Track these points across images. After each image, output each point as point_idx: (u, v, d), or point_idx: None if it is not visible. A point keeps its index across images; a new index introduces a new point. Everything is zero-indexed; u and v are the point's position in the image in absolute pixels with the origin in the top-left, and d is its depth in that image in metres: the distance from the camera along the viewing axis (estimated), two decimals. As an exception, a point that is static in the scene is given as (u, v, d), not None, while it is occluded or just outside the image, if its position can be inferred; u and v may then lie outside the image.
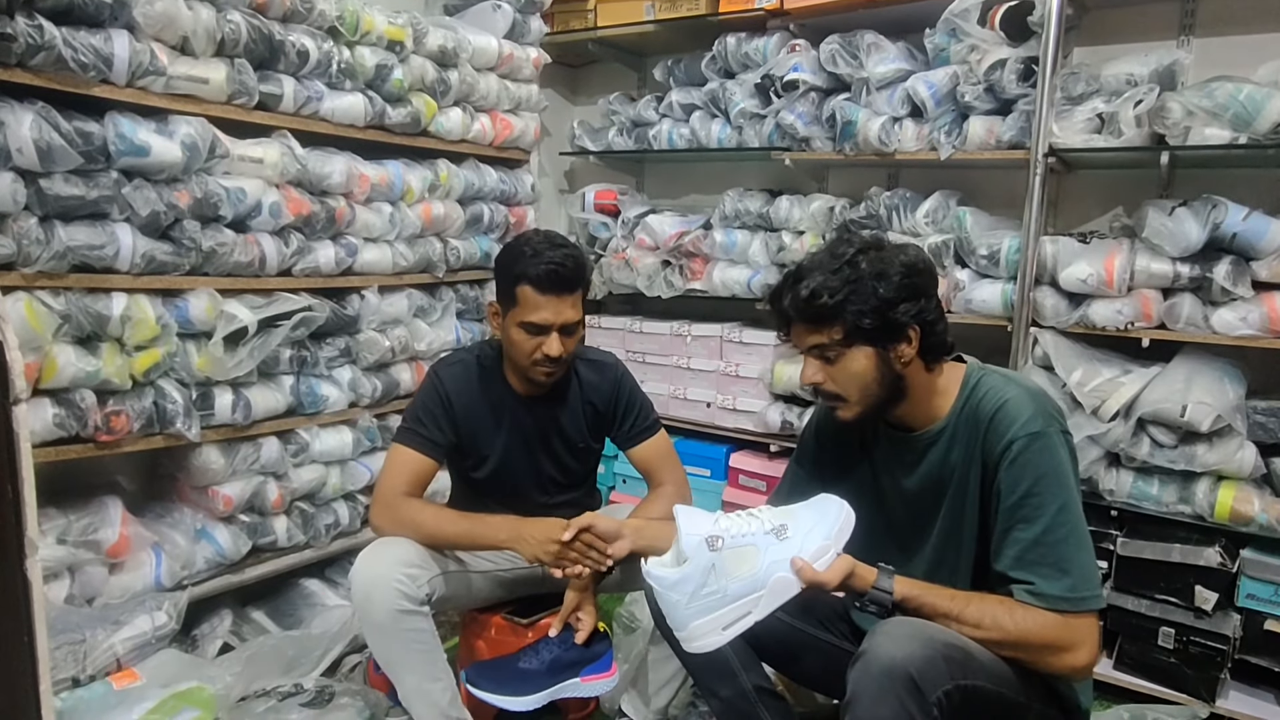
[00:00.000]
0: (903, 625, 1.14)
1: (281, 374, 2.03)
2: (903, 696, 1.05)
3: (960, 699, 1.09)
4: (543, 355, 1.60)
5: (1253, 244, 1.83)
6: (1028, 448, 1.18)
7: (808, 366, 1.29)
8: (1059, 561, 1.16)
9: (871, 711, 1.07)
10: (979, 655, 1.14)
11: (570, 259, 1.60)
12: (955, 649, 1.12)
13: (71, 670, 1.58)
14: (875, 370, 1.25)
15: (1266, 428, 1.86)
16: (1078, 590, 1.15)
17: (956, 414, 1.29)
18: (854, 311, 1.22)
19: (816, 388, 1.30)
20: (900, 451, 1.36)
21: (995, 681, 1.14)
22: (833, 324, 1.24)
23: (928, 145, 2.21)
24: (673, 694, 1.66)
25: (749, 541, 1.16)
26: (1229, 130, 1.81)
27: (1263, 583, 1.84)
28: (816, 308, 1.23)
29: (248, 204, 1.87)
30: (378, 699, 1.72)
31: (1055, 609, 1.14)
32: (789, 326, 1.30)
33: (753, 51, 2.48)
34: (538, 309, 1.59)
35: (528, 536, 1.55)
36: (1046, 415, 1.21)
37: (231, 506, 1.94)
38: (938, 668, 1.07)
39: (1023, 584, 1.17)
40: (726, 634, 1.16)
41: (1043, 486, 1.17)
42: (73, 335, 1.64)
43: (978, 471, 1.25)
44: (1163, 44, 2.10)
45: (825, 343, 1.25)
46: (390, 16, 2.16)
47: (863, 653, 1.11)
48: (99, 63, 1.59)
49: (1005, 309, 2.13)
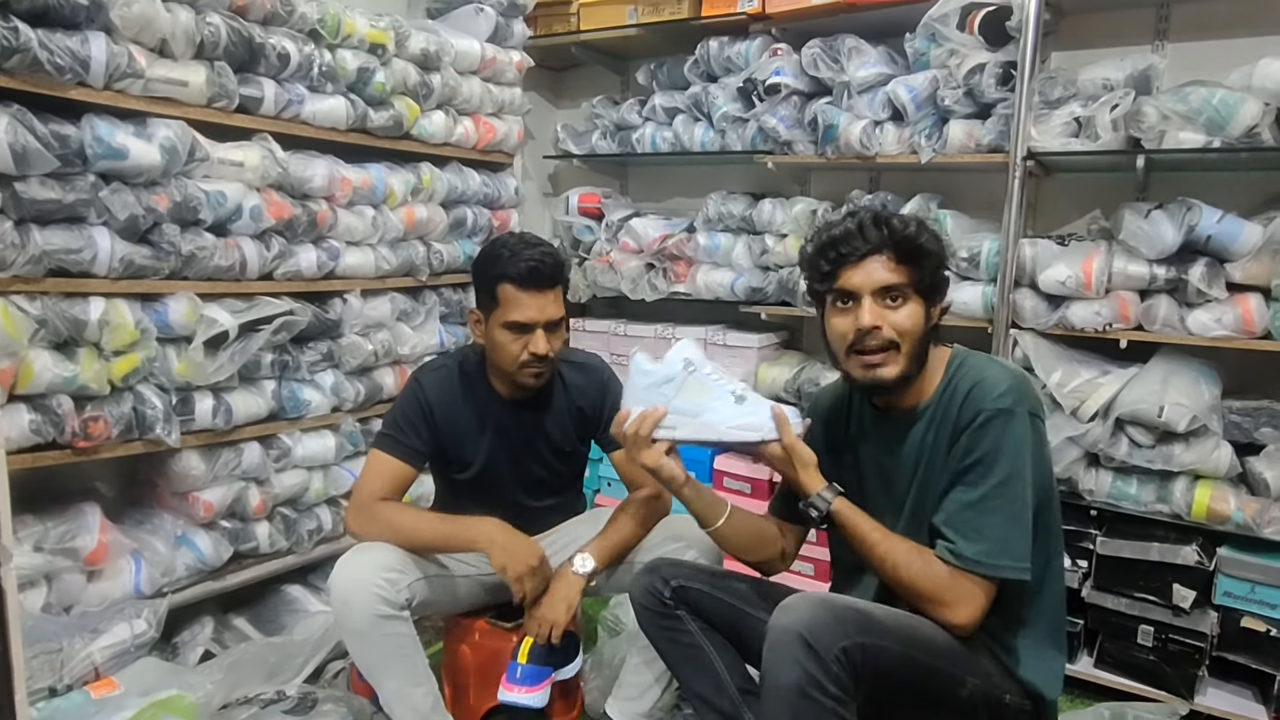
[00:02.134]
0: (801, 596, 1.19)
1: (263, 378, 2.02)
2: (800, 658, 1.09)
3: (862, 657, 1.12)
4: (530, 355, 1.60)
5: (1227, 246, 1.86)
6: (991, 420, 1.22)
7: (868, 311, 1.24)
8: (981, 527, 1.21)
9: (777, 679, 1.11)
10: (881, 618, 1.19)
11: (548, 255, 1.61)
12: (850, 610, 1.17)
13: (48, 680, 1.56)
14: (922, 325, 1.27)
15: (1241, 427, 1.89)
16: (990, 557, 1.20)
17: (940, 393, 1.31)
18: (934, 257, 1.27)
19: (870, 335, 1.25)
20: (885, 432, 1.38)
21: (902, 644, 1.18)
22: (915, 264, 1.25)
23: (908, 148, 2.22)
24: (658, 697, 1.65)
25: (712, 384, 1.35)
26: (1203, 134, 1.84)
27: (1239, 580, 1.86)
28: (915, 243, 1.25)
29: (228, 207, 1.86)
30: (361, 705, 1.71)
31: (964, 568, 1.20)
32: (862, 258, 1.25)
33: (735, 55, 2.49)
34: (521, 307, 1.59)
35: (504, 545, 1.56)
36: (1019, 394, 1.24)
37: (212, 512, 1.92)
38: (829, 627, 1.11)
39: (943, 538, 1.23)
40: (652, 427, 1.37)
41: (993, 458, 1.22)
42: (49, 340, 1.62)
43: (946, 442, 1.28)
44: (1138, 49, 2.13)
45: (900, 283, 1.25)
46: (372, 19, 2.15)
47: (767, 629, 1.15)
48: (75, 65, 1.57)
49: (986, 311, 2.15)
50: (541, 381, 1.67)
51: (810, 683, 1.09)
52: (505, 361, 1.64)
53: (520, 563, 1.55)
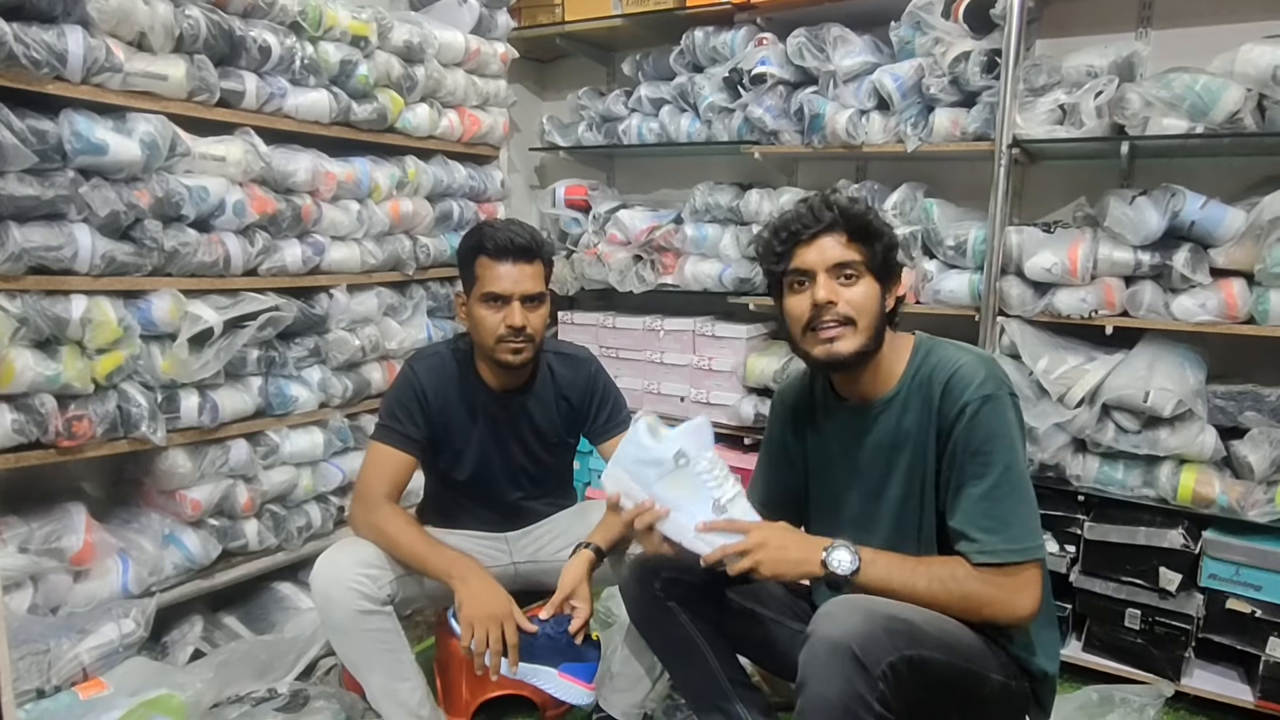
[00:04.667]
0: (844, 603, 1.16)
1: (249, 375, 2.00)
2: (848, 673, 1.07)
3: (907, 670, 1.11)
4: (507, 328, 1.60)
5: (1210, 232, 1.87)
6: (980, 409, 1.23)
7: (823, 286, 1.26)
8: (1001, 515, 1.22)
9: (819, 692, 1.08)
10: (925, 626, 1.17)
11: (526, 230, 1.63)
12: (898, 621, 1.14)
13: (36, 681, 1.54)
14: (877, 304, 1.29)
15: (1226, 411, 1.90)
16: (1018, 541, 1.21)
17: (909, 381, 1.32)
18: (884, 237, 1.30)
19: (825, 311, 1.26)
20: (850, 422, 1.38)
21: (944, 651, 1.17)
22: (866, 242, 1.28)
23: (894, 137, 2.23)
24: (649, 688, 1.66)
25: (699, 485, 1.27)
26: (1186, 120, 1.85)
27: (1224, 563, 1.88)
28: (865, 220, 1.28)
29: (211, 203, 1.84)
30: (353, 701, 1.70)
31: (998, 561, 1.20)
32: (814, 236, 1.28)
33: (720, 45, 2.48)
34: (497, 278, 1.59)
35: (473, 587, 1.47)
36: (997, 379, 1.26)
37: (200, 510, 1.91)
38: (879, 641, 1.10)
39: (969, 539, 1.23)
40: (621, 497, 1.33)
41: (992, 445, 1.23)
42: (31, 339, 1.60)
43: (933, 435, 1.29)
44: (1121, 36, 2.14)
45: (854, 259, 1.27)
46: (354, 11, 2.13)
47: (808, 635, 1.13)
48: (52, 59, 1.55)
49: (973, 299, 2.15)
50: (520, 360, 1.64)
51: (856, 700, 1.07)
52: (484, 337, 1.63)
53: (481, 608, 1.44)
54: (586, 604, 1.52)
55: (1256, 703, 1.84)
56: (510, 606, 1.48)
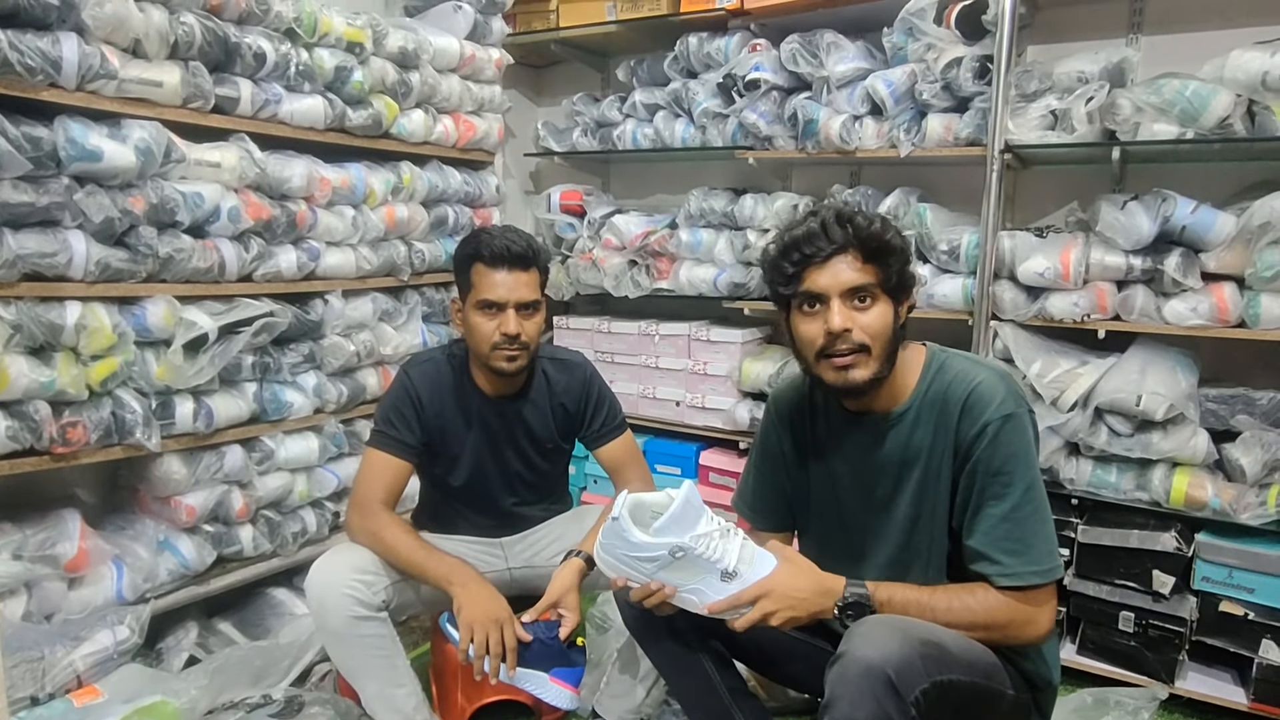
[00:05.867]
0: (880, 624, 1.14)
1: (244, 381, 2.00)
2: (881, 698, 1.06)
3: (937, 695, 1.10)
4: (501, 335, 1.60)
5: (1201, 236, 1.88)
6: (1002, 428, 1.21)
7: (837, 313, 1.21)
8: (1024, 537, 1.20)
9: (850, 713, 1.07)
10: (954, 649, 1.16)
11: (522, 238, 1.63)
12: (931, 645, 1.13)
13: (30, 689, 1.54)
14: (892, 327, 1.24)
15: (1218, 415, 1.91)
16: (1041, 563, 1.20)
17: (921, 395, 1.29)
18: (900, 255, 1.24)
19: (840, 340, 1.21)
20: (856, 435, 1.35)
21: (971, 673, 1.17)
22: (881, 263, 1.22)
23: (888, 143, 2.24)
24: (645, 693, 1.66)
25: (701, 565, 1.20)
26: (1176, 125, 1.86)
27: (1217, 565, 1.89)
28: (881, 240, 1.22)
29: (206, 209, 1.84)
30: (349, 708, 1.70)
31: (1020, 585, 1.19)
32: (827, 259, 1.21)
33: (714, 51, 2.49)
34: (492, 286, 1.60)
35: (472, 591, 1.48)
36: (1016, 396, 1.24)
37: (195, 517, 1.90)
38: (914, 667, 1.08)
39: (990, 561, 1.21)
40: (615, 577, 1.27)
41: (1013, 465, 1.21)
42: (25, 345, 1.60)
43: (949, 454, 1.26)
44: (1112, 42, 2.15)
45: (868, 282, 1.21)
46: (349, 18, 2.13)
47: (840, 654, 1.11)
48: (47, 66, 1.55)
49: (966, 303, 2.16)
50: (515, 367, 1.65)
51: None
52: (479, 344, 1.63)
53: (480, 612, 1.45)
54: (575, 613, 1.53)
55: (1250, 705, 1.85)
56: (508, 611, 1.49)
